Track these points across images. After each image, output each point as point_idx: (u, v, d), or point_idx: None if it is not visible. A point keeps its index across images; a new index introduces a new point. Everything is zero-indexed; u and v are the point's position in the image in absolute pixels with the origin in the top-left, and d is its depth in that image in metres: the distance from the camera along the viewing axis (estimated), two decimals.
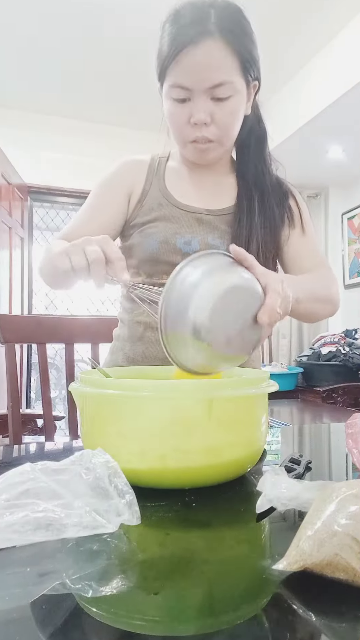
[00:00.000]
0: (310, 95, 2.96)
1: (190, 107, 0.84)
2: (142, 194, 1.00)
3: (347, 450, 0.64)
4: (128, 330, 1.02)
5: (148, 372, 0.80)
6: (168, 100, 0.87)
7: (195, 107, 0.84)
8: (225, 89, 0.83)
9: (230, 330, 0.59)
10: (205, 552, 0.41)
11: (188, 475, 0.54)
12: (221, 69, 0.81)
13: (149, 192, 1.00)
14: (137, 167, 1.03)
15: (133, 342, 1.00)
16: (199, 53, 0.79)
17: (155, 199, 0.99)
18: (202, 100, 0.83)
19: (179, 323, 0.56)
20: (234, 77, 0.83)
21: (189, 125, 0.86)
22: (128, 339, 1.01)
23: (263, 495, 0.46)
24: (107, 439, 0.55)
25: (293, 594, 0.34)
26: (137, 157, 1.05)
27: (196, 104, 0.84)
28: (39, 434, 2.36)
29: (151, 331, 0.97)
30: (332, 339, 3.48)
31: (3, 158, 2.90)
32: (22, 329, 1.24)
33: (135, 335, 0.99)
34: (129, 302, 1.03)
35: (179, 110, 0.86)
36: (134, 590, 0.35)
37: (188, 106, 0.84)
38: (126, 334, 1.02)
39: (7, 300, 3.04)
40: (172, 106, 0.86)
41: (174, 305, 0.56)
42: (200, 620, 0.32)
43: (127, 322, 1.02)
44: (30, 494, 0.42)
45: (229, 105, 0.85)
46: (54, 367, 4.74)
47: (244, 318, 0.60)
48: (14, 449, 0.81)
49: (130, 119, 3.41)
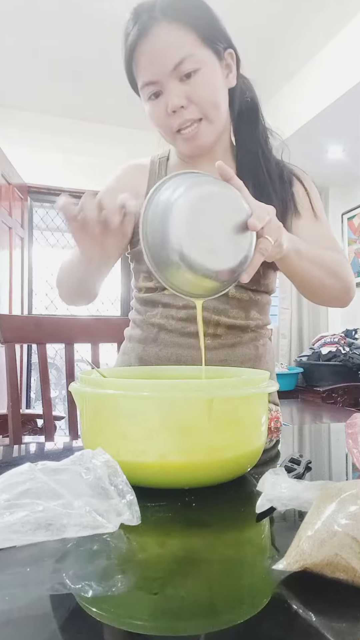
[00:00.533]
0: (310, 95, 2.96)
1: (164, 98, 0.84)
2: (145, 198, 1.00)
3: (347, 450, 0.64)
4: (141, 331, 1.01)
5: (149, 372, 0.80)
6: (147, 103, 0.87)
7: (167, 95, 0.83)
8: (188, 64, 0.81)
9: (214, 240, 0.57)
10: (205, 552, 0.41)
11: (188, 475, 0.54)
12: (176, 46, 0.80)
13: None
14: (137, 172, 1.01)
15: (146, 343, 0.99)
16: (149, 42, 0.80)
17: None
18: (171, 86, 0.82)
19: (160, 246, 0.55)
20: (193, 50, 0.81)
21: (168, 116, 0.85)
22: (141, 340, 1.00)
23: (263, 495, 0.46)
24: (107, 439, 0.55)
25: (293, 594, 0.34)
26: (137, 162, 1.04)
27: (168, 92, 0.83)
28: (39, 434, 2.36)
29: (165, 333, 0.97)
30: (332, 339, 3.49)
31: (3, 158, 2.90)
32: (22, 329, 1.24)
33: (149, 336, 0.98)
34: (141, 304, 1.02)
35: (156, 107, 0.85)
36: (134, 590, 0.35)
37: (163, 99, 0.84)
38: (139, 335, 1.01)
39: (7, 300, 3.04)
40: (150, 105, 0.86)
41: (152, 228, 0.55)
42: (200, 620, 0.32)
43: (140, 323, 1.01)
44: (30, 493, 0.42)
45: (199, 79, 0.83)
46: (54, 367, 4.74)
47: (228, 227, 0.58)
48: (14, 449, 0.81)
49: (130, 119, 3.41)
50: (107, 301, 4.26)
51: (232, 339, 0.96)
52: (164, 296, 0.97)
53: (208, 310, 0.93)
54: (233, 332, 0.96)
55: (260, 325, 1.01)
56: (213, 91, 0.85)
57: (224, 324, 0.94)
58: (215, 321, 0.94)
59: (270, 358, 1.05)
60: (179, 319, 0.95)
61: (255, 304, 0.99)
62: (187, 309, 0.94)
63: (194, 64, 0.81)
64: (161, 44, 0.80)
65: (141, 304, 1.02)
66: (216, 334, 0.95)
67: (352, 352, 3.31)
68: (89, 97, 3.28)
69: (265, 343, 1.03)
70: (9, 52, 2.81)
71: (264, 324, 1.02)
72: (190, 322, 0.95)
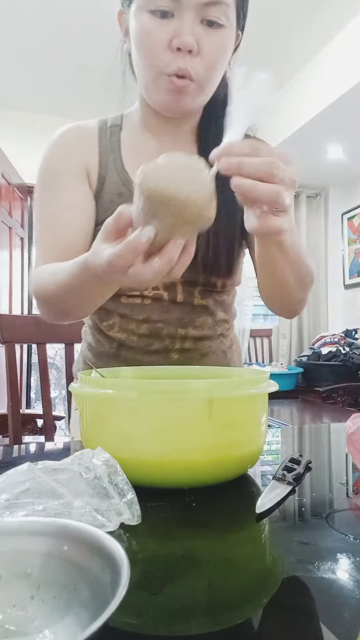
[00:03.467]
0: (310, 95, 2.96)
1: (174, 26, 0.66)
2: (99, 181, 0.81)
3: (347, 450, 0.64)
4: (98, 343, 0.90)
5: (148, 372, 0.80)
6: (142, 15, 0.67)
7: (181, 25, 0.65)
8: (220, 11, 0.66)
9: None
10: (205, 552, 0.41)
11: (188, 475, 0.54)
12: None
13: (105, 177, 0.81)
14: (85, 140, 0.82)
15: (108, 358, 0.88)
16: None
17: (114, 187, 0.80)
18: (191, 19, 0.65)
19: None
20: (229, 2, 0.67)
21: (169, 50, 0.67)
22: (102, 355, 0.89)
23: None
24: (107, 439, 0.55)
25: (293, 594, 0.34)
26: (79, 125, 0.83)
27: (183, 22, 0.65)
28: (39, 434, 2.36)
29: (126, 350, 0.87)
30: (332, 339, 3.49)
31: (3, 158, 2.90)
32: (22, 329, 1.24)
33: (110, 351, 0.88)
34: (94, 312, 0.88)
35: (157, 28, 0.66)
36: (134, 590, 0.35)
37: (170, 24, 0.66)
38: (98, 348, 0.90)
39: (7, 300, 3.04)
40: (149, 21, 0.66)
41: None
42: (200, 620, 0.32)
43: (96, 333, 0.90)
44: (30, 493, 0.42)
45: (220, 36, 0.68)
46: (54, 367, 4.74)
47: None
48: (14, 449, 0.81)
49: None
50: None
51: (201, 350, 0.88)
52: (120, 305, 0.84)
53: (172, 324, 0.84)
54: (201, 343, 0.88)
55: (226, 324, 0.92)
56: (223, 58, 0.71)
57: (191, 336, 0.86)
58: (181, 335, 0.85)
59: (238, 358, 0.97)
60: (141, 335, 0.85)
61: (221, 305, 0.89)
62: (148, 322, 0.84)
63: (224, 16, 0.67)
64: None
65: (94, 312, 0.88)
66: (183, 348, 0.86)
67: (352, 352, 3.31)
68: (88, 97, 3.28)
69: (231, 344, 0.95)
70: (9, 52, 2.81)
71: (229, 320, 0.93)
72: (154, 339, 0.85)
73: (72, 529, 0.32)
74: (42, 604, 0.30)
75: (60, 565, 0.30)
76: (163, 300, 0.84)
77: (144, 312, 0.84)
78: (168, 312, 0.84)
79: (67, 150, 0.81)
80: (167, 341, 0.86)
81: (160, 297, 0.84)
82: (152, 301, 0.84)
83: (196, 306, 0.86)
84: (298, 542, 0.42)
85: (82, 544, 0.30)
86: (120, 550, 0.28)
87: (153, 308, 0.84)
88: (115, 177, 0.81)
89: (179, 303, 0.85)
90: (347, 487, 0.59)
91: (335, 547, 0.41)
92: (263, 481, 0.60)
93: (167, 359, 0.86)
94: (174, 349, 0.86)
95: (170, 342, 0.86)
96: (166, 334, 0.85)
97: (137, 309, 0.84)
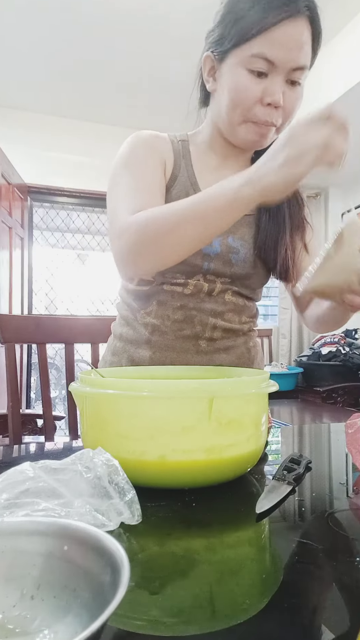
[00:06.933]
0: (310, 95, 2.96)
1: (267, 85, 0.79)
2: (172, 178, 0.91)
3: (347, 450, 0.64)
4: (132, 331, 0.96)
5: (148, 372, 0.80)
6: (241, 70, 0.79)
7: (273, 85, 0.78)
8: (302, 74, 0.80)
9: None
10: (205, 552, 0.41)
11: (188, 475, 0.54)
12: (306, 52, 0.78)
13: (178, 177, 0.91)
14: (160, 142, 0.93)
15: (139, 345, 0.94)
16: (295, 31, 0.75)
17: (183, 187, 0.90)
18: (281, 81, 0.79)
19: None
20: (308, 63, 0.81)
21: (259, 104, 0.80)
22: (133, 342, 0.95)
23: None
24: (107, 439, 0.55)
25: (293, 594, 0.34)
26: (152, 133, 0.93)
27: (275, 83, 0.78)
28: (39, 434, 2.36)
29: (159, 335, 0.92)
30: (332, 339, 3.48)
31: (3, 158, 2.90)
32: (22, 329, 1.24)
33: (141, 338, 0.94)
34: (133, 298, 0.96)
35: (253, 85, 0.79)
36: (134, 590, 0.35)
37: (264, 83, 0.79)
38: (130, 336, 0.96)
39: (7, 300, 3.03)
40: (247, 79, 0.79)
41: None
42: (200, 620, 0.32)
43: (132, 322, 0.96)
44: (30, 493, 0.42)
45: (298, 92, 0.82)
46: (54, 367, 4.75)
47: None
48: (14, 449, 0.81)
49: (130, 119, 3.41)
50: (107, 301, 4.27)
51: (227, 342, 0.95)
52: (162, 292, 0.92)
53: (205, 312, 0.92)
54: (228, 336, 0.95)
55: (250, 328, 1.01)
56: (297, 110, 0.84)
57: (220, 327, 0.93)
58: (212, 324, 0.92)
59: (260, 359, 1.05)
60: (175, 320, 0.91)
61: (247, 310, 0.98)
62: (183, 309, 0.91)
63: (303, 76, 0.81)
64: (300, 39, 0.76)
65: (133, 298, 0.96)
66: (212, 337, 0.93)
67: (352, 352, 3.31)
68: (89, 97, 3.28)
69: (255, 344, 1.03)
70: (9, 52, 2.81)
71: (253, 328, 1.03)
72: (187, 324, 0.91)
73: (72, 529, 0.32)
74: (42, 604, 0.30)
75: (60, 565, 0.30)
76: (202, 292, 0.91)
77: (182, 299, 0.91)
78: (203, 302, 0.92)
79: (149, 144, 0.91)
80: (198, 328, 0.92)
81: (200, 289, 0.91)
82: (193, 290, 0.91)
83: (227, 302, 0.94)
84: (298, 542, 0.42)
85: (82, 544, 0.30)
86: (120, 550, 0.28)
87: (191, 297, 0.91)
88: (185, 178, 0.91)
89: (214, 296, 0.93)
90: (347, 487, 0.59)
91: (335, 547, 0.41)
92: (263, 481, 0.60)
93: (196, 347, 0.92)
94: (204, 337, 0.93)
95: (201, 330, 0.92)
96: (198, 321, 0.92)
97: (176, 297, 0.91)
